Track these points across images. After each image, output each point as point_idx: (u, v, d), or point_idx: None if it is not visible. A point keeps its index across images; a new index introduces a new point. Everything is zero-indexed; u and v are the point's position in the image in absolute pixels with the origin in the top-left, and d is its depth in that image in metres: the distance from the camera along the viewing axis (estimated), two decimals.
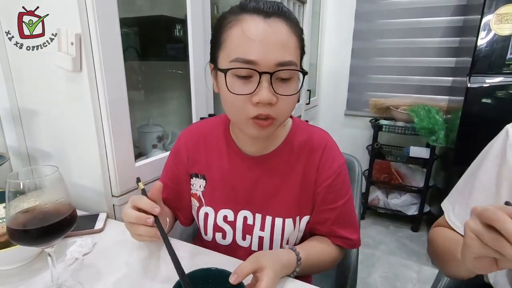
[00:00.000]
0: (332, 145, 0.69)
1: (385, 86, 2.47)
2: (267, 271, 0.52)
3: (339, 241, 0.70)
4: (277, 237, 0.68)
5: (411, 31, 2.30)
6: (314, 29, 2.42)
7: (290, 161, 0.68)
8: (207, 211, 0.72)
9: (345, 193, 0.68)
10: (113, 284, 0.59)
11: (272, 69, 0.53)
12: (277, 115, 0.57)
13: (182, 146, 0.76)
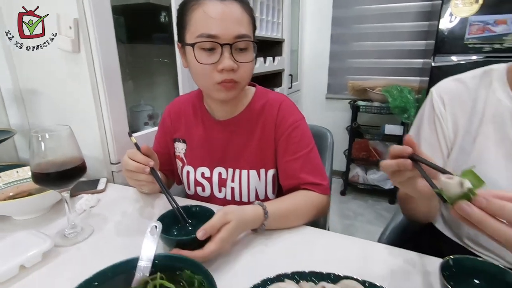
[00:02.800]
0: (288, 104, 0.82)
1: (362, 69, 2.62)
2: (229, 225, 0.57)
3: (312, 187, 0.77)
4: (245, 187, 0.81)
5: (386, 16, 2.45)
6: (294, 17, 2.53)
7: (252, 121, 0.81)
8: (188, 169, 0.86)
9: (306, 145, 0.79)
10: (116, 224, 0.73)
11: (231, 41, 0.66)
12: (239, 79, 0.71)
13: (166, 116, 0.90)
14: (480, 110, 0.64)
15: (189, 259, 0.47)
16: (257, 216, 0.64)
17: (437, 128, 0.70)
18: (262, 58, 1.96)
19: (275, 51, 2.29)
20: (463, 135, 0.66)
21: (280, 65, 2.26)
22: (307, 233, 0.69)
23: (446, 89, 0.70)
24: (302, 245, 0.65)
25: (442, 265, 0.48)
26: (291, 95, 2.58)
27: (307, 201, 0.74)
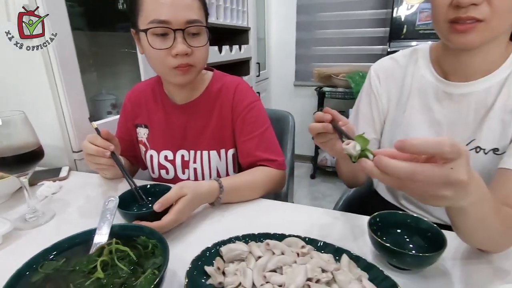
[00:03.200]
0: (243, 87, 0.86)
1: (327, 56, 2.71)
2: (185, 197, 0.61)
3: (268, 163, 0.82)
4: (206, 167, 0.86)
5: (347, 4, 2.53)
6: (259, 5, 2.56)
7: (210, 104, 0.85)
8: (152, 153, 0.89)
9: (261, 124, 0.84)
10: (79, 207, 0.75)
11: (183, 26, 0.69)
12: (194, 62, 0.74)
13: (127, 102, 0.92)
14: (408, 84, 0.72)
15: (145, 227, 0.51)
16: (212, 190, 0.68)
17: (371, 103, 0.78)
18: (228, 46, 1.98)
19: (241, 39, 2.31)
20: (395, 108, 0.74)
21: (247, 54, 2.29)
22: (262, 205, 0.75)
23: (382, 67, 0.77)
24: (257, 214, 0.71)
25: (369, 220, 0.55)
26: (259, 83, 2.62)
27: (262, 175, 0.79)
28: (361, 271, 0.47)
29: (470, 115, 0.65)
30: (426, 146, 0.33)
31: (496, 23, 0.54)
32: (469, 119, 0.65)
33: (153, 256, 0.46)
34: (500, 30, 0.57)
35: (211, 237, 0.55)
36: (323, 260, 0.48)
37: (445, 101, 0.67)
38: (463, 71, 0.64)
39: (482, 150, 0.64)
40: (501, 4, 0.52)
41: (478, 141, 0.64)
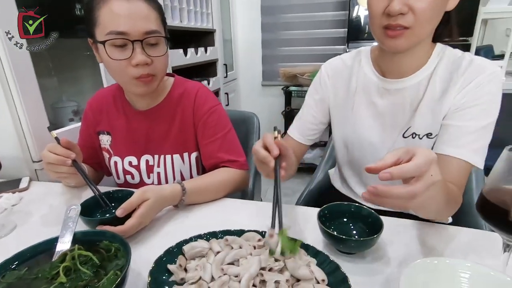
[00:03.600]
0: (203, 92, 0.89)
1: (293, 56, 2.80)
2: (147, 201, 0.63)
3: (230, 164, 0.85)
4: (170, 171, 0.88)
5: (309, 6, 2.63)
6: (224, 7, 2.58)
7: (172, 110, 0.87)
8: (116, 160, 0.90)
9: (223, 128, 0.88)
10: (42, 217, 0.74)
11: (141, 37, 0.71)
12: (155, 72, 0.76)
13: (88, 110, 0.92)
14: (354, 82, 0.80)
15: (107, 231, 0.53)
16: (175, 193, 0.71)
17: (318, 94, 0.85)
18: (193, 49, 1.99)
19: (207, 41, 2.33)
20: (343, 104, 0.81)
21: (213, 55, 2.31)
22: (225, 204, 0.79)
23: (332, 65, 0.84)
24: (220, 214, 0.74)
25: (319, 213, 0.61)
26: (227, 84, 2.65)
27: (224, 176, 0.82)
28: (310, 258, 0.53)
29: (406, 106, 0.73)
30: (409, 172, 0.41)
31: (419, 30, 0.62)
32: (405, 109, 0.74)
33: (116, 258, 0.48)
34: (423, 35, 0.65)
35: (175, 237, 0.58)
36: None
37: (385, 95, 0.76)
38: (397, 69, 0.73)
39: (417, 135, 0.73)
40: (423, 14, 0.60)
41: (414, 128, 0.73)
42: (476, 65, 0.67)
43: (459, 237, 0.62)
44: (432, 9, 0.60)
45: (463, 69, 0.68)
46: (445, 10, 0.64)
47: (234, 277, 0.48)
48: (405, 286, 0.39)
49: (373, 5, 0.64)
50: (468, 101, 0.66)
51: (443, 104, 0.69)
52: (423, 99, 0.71)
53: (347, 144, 0.84)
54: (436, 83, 0.70)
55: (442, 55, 0.71)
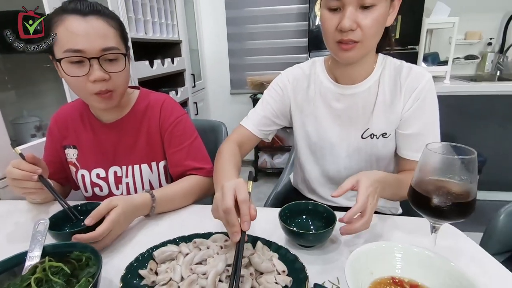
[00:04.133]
0: (168, 103, 0.93)
1: (259, 65, 2.89)
2: (116, 208, 0.65)
3: (195, 171, 0.89)
4: (138, 181, 0.90)
5: (273, 17, 2.73)
6: (190, 18, 2.62)
7: (138, 121, 0.90)
8: (83, 173, 0.91)
9: (189, 137, 0.92)
10: (7, 236, 0.73)
11: (98, 54, 0.73)
12: (114, 87, 0.78)
13: (53, 125, 0.92)
14: (313, 89, 0.87)
15: (77, 243, 0.55)
16: (145, 202, 0.74)
17: (277, 95, 0.91)
18: (160, 60, 2.01)
19: (173, 52, 2.35)
20: (304, 107, 0.89)
21: (180, 66, 2.33)
22: (194, 210, 0.82)
23: (292, 73, 0.92)
24: (189, 219, 0.78)
25: (280, 212, 0.66)
26: (196, 94, 2.68)
27: (192, 183, 0.86)
28: (273, 253, 0.58)
29: (360, 110, 0.83)
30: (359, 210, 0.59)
31: (367, 43, 0.72)
32: (360, 113, 0.83)
33: (88, 267, 0.50)
34: (370, 47, 0.75)
35: (147, 246, 0.60)
36: None
37: (341, 99, 0.84)
38: (349, 77, 0.82)
39: (375, 135, 0.83)
40: (369, 30, 0.69)
41: (371, 129, 0.82)
42: (415, 73, 0.79)
43: (402, 224, 0.71)
44: (376, 25, 0.69)
45: (404, 75, 0.79)
46: (385, 26, 0.74)
47: (202, 275, 0.52)
48: (349, 269, 0.45)
49: (327, 23, 0.72)
50: (417, 112, 0.78)
51: (394, 108, 0.80)
52: (376, 103, 0.81)
53: (309, 145, 0.91)
54: (385, 88, 0.80)
55: (384, 63, 0.82)
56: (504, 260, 0.97)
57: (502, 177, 2.14)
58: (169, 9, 2.20)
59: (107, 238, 0.64)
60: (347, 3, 0.67)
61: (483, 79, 2.42)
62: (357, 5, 0.67)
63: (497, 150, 2.13)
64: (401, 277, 0.48)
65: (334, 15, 0.70)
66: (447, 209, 0.46)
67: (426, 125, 0.79)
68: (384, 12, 0.69)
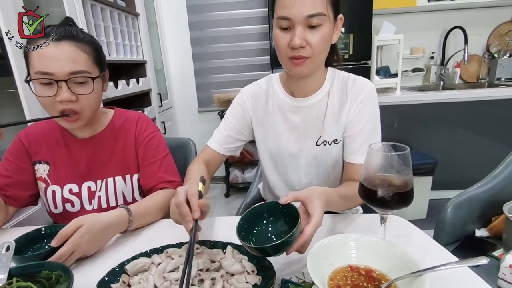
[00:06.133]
0: (144, 119, 0.98)
1: (225, 83, 2.96)
2: (81, 228, 0.65)
3: (168, 184, 0.92)
4: (112, 193, 0.91)
5: (236, 37, 2.84)
6: (154, 38, 2.66)
7: (114, 137, 0.94)
8: (54, 189, 0.90)
9: (162, 151, 0.96)
10: None
11: (66, 77, 0.77)
12: (81, 109, 0.81)
13: (22, 141, 0.91)
14: (270, 103, 0.94)
15: (45, 262, 0.55)
16: (120, 217, 0.75)
17: (238, 113, 0.96)
18: (124, 80, 2.01)
19: (139, 72, 2.36)
20: (264, 121, 0.95)
21: (146, 86, 2.34)
22: (166, 223, 0.84)
23: (250, 90, 0.98)
24: (162, 232, 0.79)
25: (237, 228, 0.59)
26: (163, 113, 2.68)
27: (165, 196, 0.88)
28: (243, 255, 0.62)
29: (314, 119, 0.90)
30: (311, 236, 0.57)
31: (316, 59, 0.79)
32: (314, 122, 0.90)
33: (58, 283, 0.51)
34: (320, 62, 0.84)
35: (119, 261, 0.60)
36: (213, 254, 0.61)
37: (297, 112, 0.91)
38: (302, 90, 0.89)
39: (327, 142, 0.90)
40: (317, 47, 0.76)
41: (324, 137, 0.90)
42: (358, 83, 0.88)
43: (360, 221, 0.78)
44: (323, 42, 0.77)
45: (350, 86, 0.88)
46: (331, 43, 0.81)
47: (175, 281, 0.54)
48: (311, 262, 0.50)
49: (280, 41, 0.78)
50: (358, 116, 0.86)
51: (341, 116, 0.88)
52: (326, 113, 0.89)
53: (271, 157, 0.97)
54: (334, 99, 0.89)
55: (333, 76, 0.91)
56: (454, 248, 1.08)
57: (452, 177, 2.34)
58: (133, 31, 2.23)
59: (69, 260, 0.64)
60: (296, 23, 0.74)
61: (430, 89, 2.67)
62: (305, 25, 0.75)
63: (446, 153, 2.34)
64: (357, 265, 0.54)
65: (286, 33, 0.77)
66: (390, 199, 0.53)
67: (365, 129, 0.86)
68: (329, 30, 0.77)
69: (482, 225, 1.15)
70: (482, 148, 2.32)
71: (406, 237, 0.70)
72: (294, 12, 0.73)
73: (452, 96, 2.28)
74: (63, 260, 0.62)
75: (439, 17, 2.69)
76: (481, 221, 1.15)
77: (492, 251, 1.04)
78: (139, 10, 2.30)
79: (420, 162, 2.17)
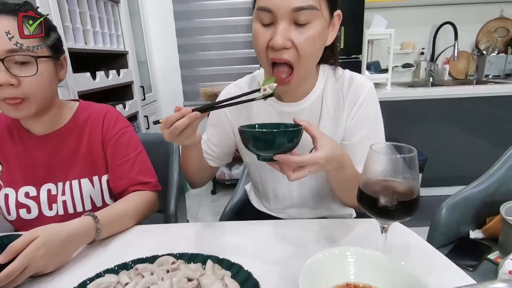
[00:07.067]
0: (112, 114, 0.87)
1: (212, 76, 2.85)
2: (36, 240, 0.56)
3: (142, 186, 0.83)
4: (78, 197, 0.81)
5: (223, 28, 2.74)
6: (136, 28, 2.52)
7: (78, 133, 0.83)
8: (7, 192, 0.79)
9: (134, 149, 0.86)
10: None
11: (3, 55, 0.65)
12: (26, 94, 0.69)
13: None
14: (255, 108, 0.81)
15: None
16: (86, 226, 0.65)
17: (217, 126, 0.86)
18: (103, 72, 1.88)
19: (119, 63, 2.22)
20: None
21: (127, 78, 2.21)
22: (139, 231, 0.75)
23: (228, 93, 0.84)
24: (134, 241, 0.71)
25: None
26: (147, 107, 2.56)
27: (138, 200, 0.79)
28: (225, 271, 0.54)
29: None
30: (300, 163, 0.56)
31: (304, 67, 0.65)
32: None
33: None
34: (307, 70, 0.68)
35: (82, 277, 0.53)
36: (190, 270, 0.53)
37: (285, 118, 0.78)
38: (292, 95, 0.77)
39: None
40: (304, 50, 0.62)
41: None
42: (356, 83, 0.75)
43: (355, 227, 0.72)
44: (312, 45, 0.62)
45: (346, 87, 0.75)
46: (324, 45, 0.67)
47: None
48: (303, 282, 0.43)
49: (258, 39, 0.64)
50: (358, 122, 0.75)
51: (339, 122, 0.76)
52: (321, 119, 0.77)
53: (257, 167, 0.87)
54: (328, 102, 0.76)
55: (327, 75, 0.78)
56: (449, 251, 1.04)
57: (441, 174, 2.33)
58: (113, 19, 2.09)
59: (19, 278, 0.54)
60: (279, 17, 0.60)
61: (419, 85, 2.65)
62: (291, 20, 0.60)
63: (435, 149, 2.32)
64: (355, 283, 0.47)
65: (267, 30, 0.63)
66: (394, 209, 0.47)
67: (369, 135, 0.75)
68: (321, 30, 0.63)
69: (476, 226, 1.12)
70: (471, 145, 2.31)
71: (406, 247, 0.64)
72: (277, 2, 0.59)
73: (442, 93, 2.25)
74: (13, 278, 0.53)
75: (429, 12, 2.65)
76: (476, 222, 1.11)
77: (487, 254, 1.00)
78: None
79: None
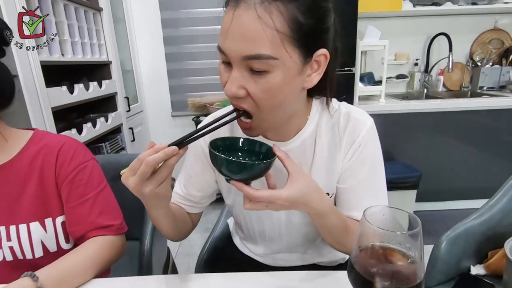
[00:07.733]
0: (70, 147, 0.76)
1: (200, 86, 2.76)
2: None
3: (103, 231, 0.73)
4: (26, 243, 0.70)
5: (212, 37, 2.65)
6: (121, 36, 2.42)
7: (25, 169, 0.72)
8: None
9: (95, 186, 0.75)
10: None
11: None
12: None
13: None
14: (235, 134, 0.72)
15: None
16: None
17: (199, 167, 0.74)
18: (82, 84, 1.77)
19: (102, 74, 2.12)
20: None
21: (110, 89, 2.11)
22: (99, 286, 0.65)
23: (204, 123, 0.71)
24: None
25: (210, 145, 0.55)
26: (132, 118, 2.45)
27: (97, 249, 0.70)
28: None
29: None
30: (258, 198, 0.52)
31: (264, 116, 0.55)
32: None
33: None
34: (276, 118, 0.57)
35: None
36: None
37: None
38: (278, 134, 0.67)
39: None
40: (262, 102, 0.52)
41: None
42: (353, 120, 0.66)
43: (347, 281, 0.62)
44: (272, 97, 0.52)
45: (343, 126, 0.66)
46: (300, 89, 0.57)
47: None
48: None
49: (221, 77, 0.55)
50: (356, 164, 0.66)
51: (334, 164, 0.67)
52: (314, 161, 0.67)
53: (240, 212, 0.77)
54: (322, 140, 0.67)
55: (320, 109, 0.68)
56: None
57: (437, 188, 2.26)
58: (94, 27, 1.98)
59: None
60: (233, 62, 0.51)
61: (413, 97, 2.59)
62: (246, 66, 0.51)
63: (430, 164, 2.26)
64: None
65: (227, 70, 0.54)
66: None
67: (366, 178, 0.66)
68: (283, 81, 0.51)
69: (477, 261, 1.03)
70: (467, 159, 2.25)
71: None
72: (228, 46, 0.51)
73: (436, 106, 2.20)
74: None
75: (424, 23, 2.60)
76: (477, 256, 1.03)
77: None
78: (102, 5, 2.06)
79: (405, 175, 2.07)
